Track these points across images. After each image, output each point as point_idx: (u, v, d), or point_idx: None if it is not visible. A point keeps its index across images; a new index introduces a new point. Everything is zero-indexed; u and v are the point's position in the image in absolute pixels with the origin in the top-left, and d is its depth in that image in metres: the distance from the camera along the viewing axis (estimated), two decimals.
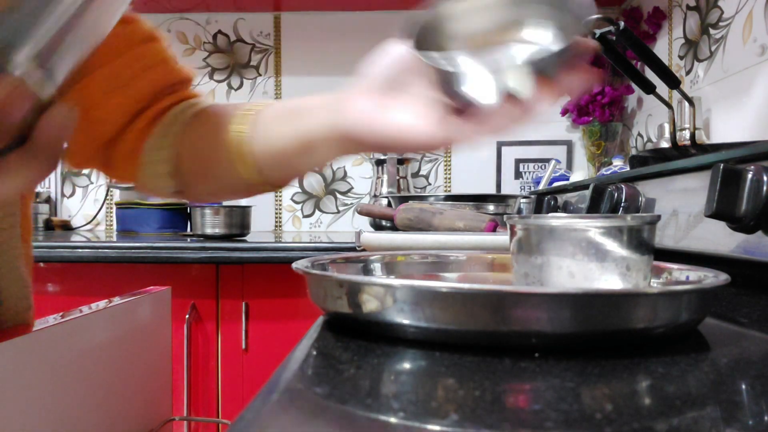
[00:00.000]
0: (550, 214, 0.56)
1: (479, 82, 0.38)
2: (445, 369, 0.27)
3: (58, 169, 1.88)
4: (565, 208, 1.02)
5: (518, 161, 1.84)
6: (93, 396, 0.50)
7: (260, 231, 1.80)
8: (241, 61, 1.86)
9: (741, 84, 1.14)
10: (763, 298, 0.46)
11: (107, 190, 1.87)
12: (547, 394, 0.23)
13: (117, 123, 0.55)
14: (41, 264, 1.22)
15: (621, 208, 0.71)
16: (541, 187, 1.46)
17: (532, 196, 1.29)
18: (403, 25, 0.40)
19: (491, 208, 1.17)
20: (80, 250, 1.17)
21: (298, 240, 1.33)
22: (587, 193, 0.78)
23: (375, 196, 1.70)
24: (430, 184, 1.86)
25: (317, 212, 1.87)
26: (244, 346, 1.21)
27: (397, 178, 1.70)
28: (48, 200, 1.83)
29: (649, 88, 1.08)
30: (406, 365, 0.28)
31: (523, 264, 0.38)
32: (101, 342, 0.52)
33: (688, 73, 1.36)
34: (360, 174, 1.86)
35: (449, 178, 1.86)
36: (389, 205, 1.43)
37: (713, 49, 1.25)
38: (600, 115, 1.68)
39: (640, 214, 0.69)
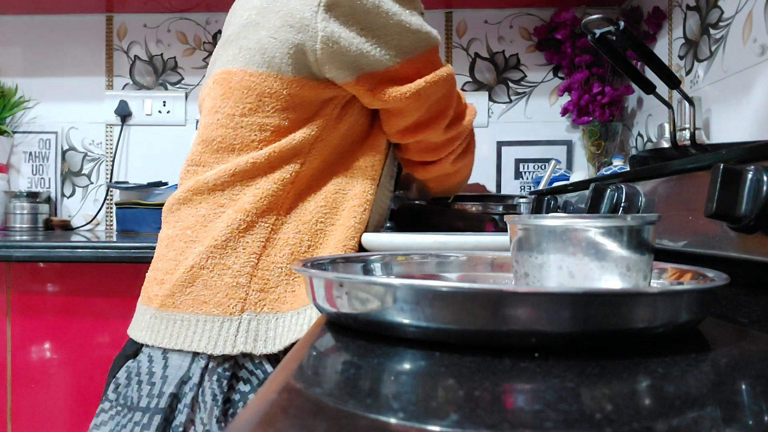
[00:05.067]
0: (550, 214, 0.56)
1: None
2: (445, 369, 0.27)
3: (58, 169, 1.88)
4: (565, 208, 1.02)
5: (518, 161, 1.84)
6: None
7: None
8: None
9: (741, 84, 1.14)
10: (763, 298, 0.46)
11: (107, 190, 1.87)
12: (547, 394, 0.23)
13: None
14: (41, 264, 1.22)
15: (621, 208, 0.71)
16: (541, 187, 1.45)
17: (532, 196, 1.29)
18: None
19: (492, 208, 1.17)
20: (80, 250, 1.17)
21: None
22: (587, 193, 0.78)
23: None
24: None
25: None
26: None
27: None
28: (48, 200, 1.83)
29: (649, 88, 1.08)
30: (406, 365, 0.28)
31: (523, 264, 0.38)
32: None
33: (688, 73, 1.36)
34: None
35: None
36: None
37: (713, 49, 1.25)
38: (600, 115, 1.68)
39: (640, 214, 0.69)
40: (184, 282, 0.67)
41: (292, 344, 0.68)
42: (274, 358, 0.68)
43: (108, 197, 1.87)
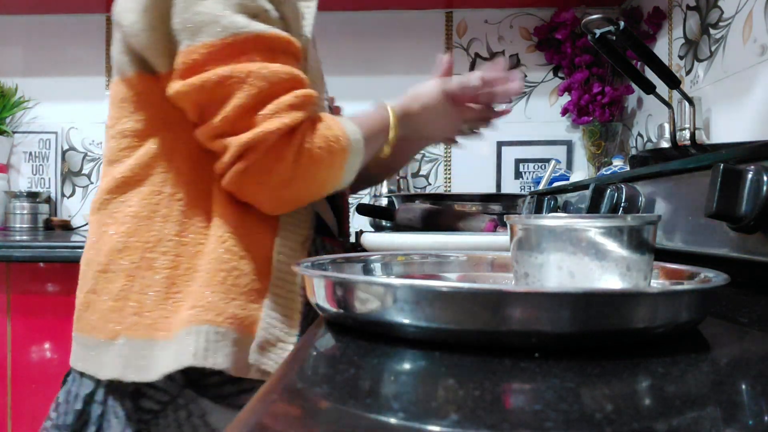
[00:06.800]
0: (550, 214, 0.56)
1: None
2: (445, 369, 0.27)
3: (58, 169, 1.88)
4: (565, 208, 1.02)
5: (518, 161, 1.84)
6: None
7: None
8: None
9: (741, 84, 1.15)
10: (763, 298, 0.46)
11: None
12: (547, 394, 0.23)
13: None
14: (41, 264, 1.22)
15: (621, 208, 0.71)
16: (541, 187, 1.46)
17: (531, 196, 1.29)
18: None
19: (494, 207, 1.17)
20: (80, 250, 1.17)
21: None
22: (587, 193, 0.78)
23: (375, 196, 1.70)
24: (430, 184, 1.86)
25: None
26: None
27: (398, 177, 1.70)
28: (48, 200, 1.83)
29: (649, 88, 1.08)
30: (406, 365, 0.28)
31: (524, 264, 0.38)
32: None
33: (688, 73, 1.36)
34: None
35: (449, 178, 1.86)
36: (391, 204, 1.43)
37: (713, 49, 1.25)
38: (600, 115, 1.68)
39: (640, 214, 0.69)
40: (81, 306, 0.68)
41: (171, 372, 0.62)
42: (178, 372, 0.63)
43: None
